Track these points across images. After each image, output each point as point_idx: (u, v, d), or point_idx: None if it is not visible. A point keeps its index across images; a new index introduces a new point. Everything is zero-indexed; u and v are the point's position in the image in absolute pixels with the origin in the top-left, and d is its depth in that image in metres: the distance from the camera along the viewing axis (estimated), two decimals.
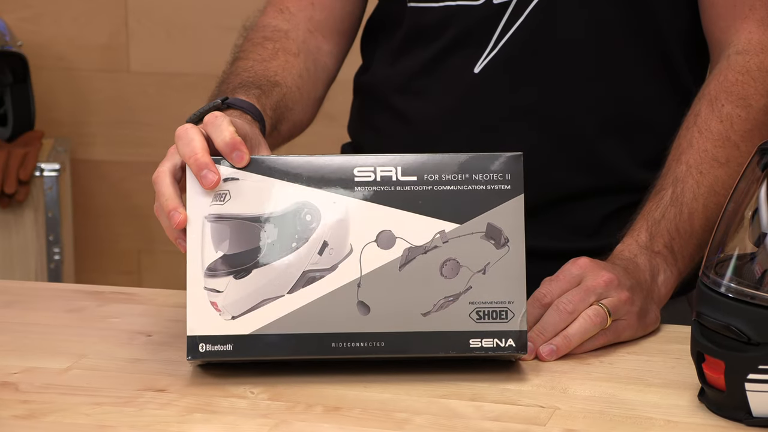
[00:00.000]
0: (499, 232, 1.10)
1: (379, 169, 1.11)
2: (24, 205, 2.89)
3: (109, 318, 1.32)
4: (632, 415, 1.08)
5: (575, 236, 1.45)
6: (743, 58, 1.38)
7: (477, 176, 1.12)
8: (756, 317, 1.03)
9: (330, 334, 1.11)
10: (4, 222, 2.91)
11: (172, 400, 1.10)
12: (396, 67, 1.49)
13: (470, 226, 1.11)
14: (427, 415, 1.07)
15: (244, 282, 1.12)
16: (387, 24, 1.51)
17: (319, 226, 1.11)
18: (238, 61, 1.47)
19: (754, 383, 1.03)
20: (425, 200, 1.11)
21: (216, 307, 1.12)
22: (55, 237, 2.93)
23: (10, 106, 3.04)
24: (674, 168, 1.35)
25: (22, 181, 2.85)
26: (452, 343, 1.12)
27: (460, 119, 1.44)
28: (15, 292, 1.42)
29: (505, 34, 1.42)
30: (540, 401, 1.11)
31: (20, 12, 3.25)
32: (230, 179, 1.13)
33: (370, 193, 1.11)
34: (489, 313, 1.12)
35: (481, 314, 1.12)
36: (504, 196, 1.13)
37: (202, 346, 1.12)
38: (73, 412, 1.08)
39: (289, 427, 1.05)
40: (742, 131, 1.35)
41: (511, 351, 1.13)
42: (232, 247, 1.12)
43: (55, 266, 2.93)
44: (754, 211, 1.08)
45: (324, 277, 1.11)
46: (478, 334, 1.12)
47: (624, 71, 1.44)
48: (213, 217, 1.13)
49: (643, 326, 1.26)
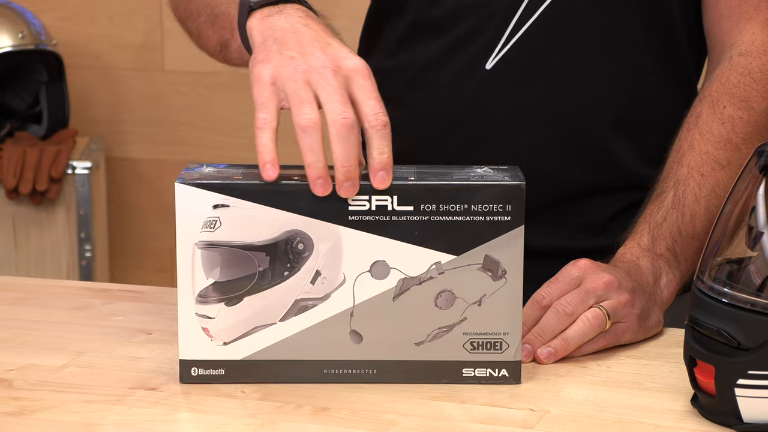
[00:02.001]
0: (497, 265, 1.08)
1: (375, 198, 1.08)
2: (56, 203, 2.92)
3: (113, 316, 1.33)
4: (622, 419, 1.07)
5: (582, 234, 1.44)
6: (745, 60, 1.37)
7: (476, 207, 1.08)
8: (746, 322, 1.02)
9: (322, 361, 1.10)
10: (37, 219, 2.93)
11: (162, 399, 1.11)
12: (399, 60, 1.48)
13: (467, 258, 1.08)
14: (414, 416, 1.07)
15: (236, 309, 1.11)
16: (389, 15, 1.49)
17: (311, 256, 1.09)
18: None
19: (744, 388, 1.02)
20: (421, 231, 1.08)
21: (207, 332, 1.11)
22: (86, 234, 2.95)
23: (45, 105, 3.07)
24: (675, 170, 1.34)
25: (54, 178, 2.88)
26: (445, 372, 1.11)
27: (469, 115, 1.43)
28: (24, 290, 1.43)
29: (517, 30, 1.41)
30: (531, 404, 1.10)
31: (57, 11, 3.28)
32: (220, 206, 1.10)
33: (365, 223, 1.08)
34: (483, 344, 1.10)
35: (475, 345, 1.10)
36: (503, 227, 1.09)
37: (194, 370, 1.12)
38: (63, 409, 1.08)
39: (275, 428, 1.05)
40: (743, 133, 1.33)
41: (503, 381, 1.12)
42: (223, 274, 1.10)
43: (86, 263, 2.96)
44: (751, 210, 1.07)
45: (316, 306, 1.10)
46: (472, 363, 1.11)
47: (634, 69, 1.43)
48: (203, 244, 1.10)
49: (645, 329, 1.25)
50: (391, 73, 1.48)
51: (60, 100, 3.09)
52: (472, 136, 1.42)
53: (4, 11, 3.05)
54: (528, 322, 1.22)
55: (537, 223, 1.44)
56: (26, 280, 1.51)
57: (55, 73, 3.08)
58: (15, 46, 3.02)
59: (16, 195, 2.90)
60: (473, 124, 1.43)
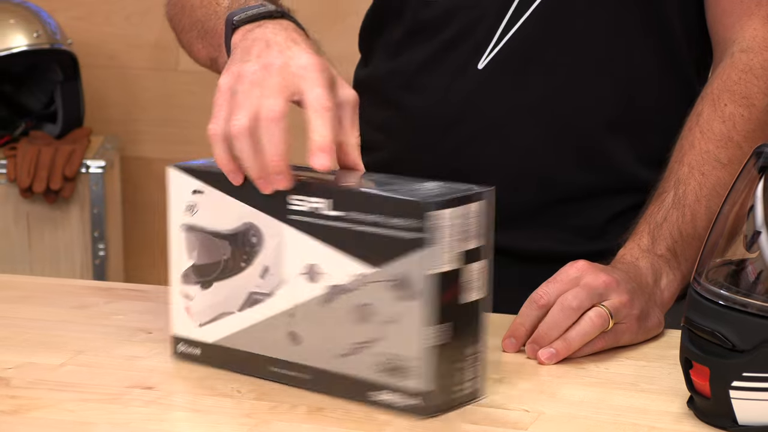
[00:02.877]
0: (409, 284, 1.01)
1: (311, 200, 1.06)
2: (70, 202, 2.93)
3: (114, 315, 1.33)
4: (617, 420, 1.07)
5: (579, 238, 1.43)
6: (747, 56, 1.36)
7: (397, 221, 1.01)
8: (741, 324, 1.01)
9: (268, 358, 1.11)
10: (51, 218, 2.94)
11: (157, 398, 1.11)
12: (397, 62, 1.47)
13: (385, 273, 1.02)
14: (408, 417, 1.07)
15: (208, 293, 1.15)
16: (387, 17, 1.49)
17: (262, 250, 1.10)
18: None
19: (739, 390, 1.01)
20: (349, 239, 1.04)
21: (189, 312, 1.16)
22: (100, 233, 2.96)
23: (60, 104, 3.08)
24: (676, 170, 1.33)
25: (68, 177, 2.89)
26: (359, 391, 1.06)
27: (463, 116, 1.42)
28: (27, 288, 1.44)
29: (509, 29, 1.40)
30: (527, 405, 1.10)
31: (73, 11, 3.29)
32: (197, 192, 1.14)
33: (303, 224, 1.07)
34: (394, 368, 1.03)
35: (386, 367, 1.04)
36: (415, 245, 1.01)
37: (180, 346, 1.18)
38: (59, 408, 1.09)
39: (270, 427, 1.05)
40: (744, 131, 1.32)
41: (412, 411, 1.04)
42: (200, 257, 1.14)
43: (100, 262, 2.96)
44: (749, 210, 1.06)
45: (264, 301, 1.10)
46: (380, 386, 1.05)
47: (631, 69, 1.42)
48: (185, 227, 1.16)
49: (644, 330, 1.25)
50: (389, 76, 1.48)
51: (75, 100, 3.10)
52: (466, 137, 1.42)
53: (20, 11, 3.06)
54: (526, 322, 1.22)
55: (533, 225, 1.44)
56: (30, 278, 1.51)
57: (70, 72, 3.09)
58: (30, 45, 3.03)
59: (30, 194, 2.91)
60: (466, 125, 1.42)
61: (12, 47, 3.02)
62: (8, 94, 3.13)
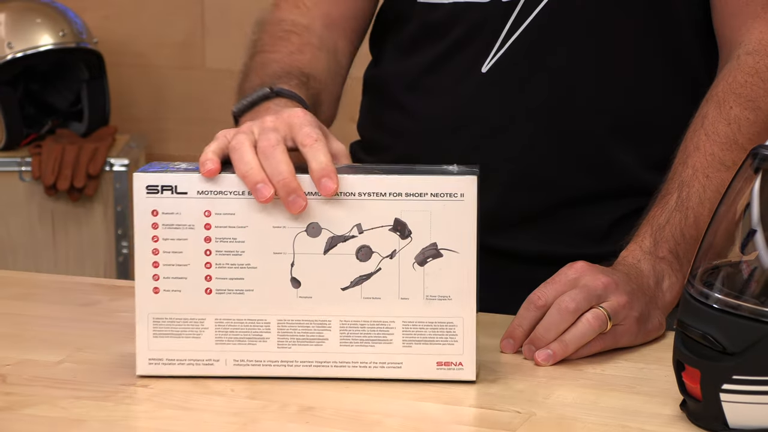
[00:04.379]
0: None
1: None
2: (93, 200, 2.95)
3: (118, 312, 1.34)
4: (608, 422, 1.06)
5: (583, 241, 1.42)
6: (753, 58, 1.34)
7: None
8: (731, 326, 1.00)
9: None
10: (75, 216, 2.96)
11: (151, 396, 1.11)
12: (404, 64, 1.48)
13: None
14: (398, 417, 1.07)
15: None
16: (396, 20, 1.49)
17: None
18: (263, 54, 1.46)
19: (729, 393, 1.01)
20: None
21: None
22: (123, 231, 2.97)
23: (86, 103, 3.09)
24: (680, 172, 1.32)
25: (92, 175, 2.91)
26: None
27: (466, 119, 1.42)
28: (34, 285, 1.45)
29: (513, 33, 1.40)
30: (519, 406, 1.09)
31: (102, 10, 3.31)
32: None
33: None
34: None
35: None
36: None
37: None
38: (52, 405, 1.09)
39: (256, 426, 1.05)
40: (749, 134, 1.31)
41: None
42: None
43: (123, 260, 2.98)
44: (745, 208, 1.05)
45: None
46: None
47: (636, 72, 1.41)
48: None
49: (644, 332, 1.24)
50: (395, 77, 1.48)
51: (100, 98, 3.12)
52: (470, 140, 1.42)
53: (46, 10, 3.09)
54: (523, 324, 1.21)
55: (537, 227, 1.43)
56: (38, 275, 1.53)
57: (96, 71, 3.11)
58: (56, 44, 3.05)
59: (54, 191, 2.93)
60: (470, 128, 1.42)
61: (38, 46, 3.04)
62: (36, 93, 3.15)
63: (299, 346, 1.14)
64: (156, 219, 1.14)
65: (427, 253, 1.14)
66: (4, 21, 3.05)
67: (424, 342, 1.13)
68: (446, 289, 1.13)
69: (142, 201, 1.14)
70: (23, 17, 3.06)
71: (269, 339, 1.14)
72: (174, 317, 1.15)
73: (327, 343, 1.14)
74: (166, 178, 1.14)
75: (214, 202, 1.14)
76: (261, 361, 1.14)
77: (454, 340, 1.13)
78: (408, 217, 1.13)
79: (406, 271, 1.14)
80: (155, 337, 1.15)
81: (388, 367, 1.14)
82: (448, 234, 1.13)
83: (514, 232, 1.43)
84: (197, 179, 1.14)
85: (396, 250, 1.14)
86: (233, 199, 1.14)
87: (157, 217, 1.14)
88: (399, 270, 1.14)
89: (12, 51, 3.03)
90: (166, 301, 1.15)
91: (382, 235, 1.14)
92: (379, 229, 1.14)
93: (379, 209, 1.13)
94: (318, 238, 1.14)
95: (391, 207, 1.13)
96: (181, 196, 1.14)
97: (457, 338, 1.13)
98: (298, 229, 1.14)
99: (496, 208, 1.41)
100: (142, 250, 1.14)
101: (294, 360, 1.14)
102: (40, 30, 3.05)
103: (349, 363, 1.14)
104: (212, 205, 1.14)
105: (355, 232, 1.14)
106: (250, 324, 1.14)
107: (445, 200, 1.13)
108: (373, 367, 1.14)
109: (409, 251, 1.13)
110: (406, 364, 1.14)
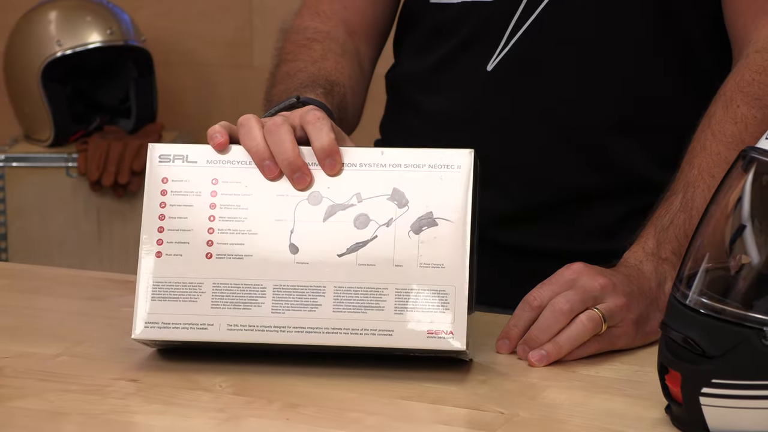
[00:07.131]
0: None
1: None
2: (137, 195, 2.97)
3: (124, 307, 1.34)
4: (590, 425, 1.05)
5: (590, 238, 1.42)
6: (761, 56, 1.33)
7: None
8: (711, 329, 0.99)
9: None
10: (120, 211, 3.00)
11: (138, 390, 1.12)
12: (417, 64, 1.49)
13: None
14: (380, 416, 1.07)
15: None
16: (412, 21, 1.51)
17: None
18: (288, 63, 1.47)
19: (708, 397, 0.99)
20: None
21: None
22: None
23: (134, 100, 3.12)
24: (686, 172, 1.31)
25: (136, 171, 2.94)
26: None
27: (473, 117, 1.43)
28: (45, 279, 1.47)
29: (516, 31, 1.40)
30: (504, 407, 1.09)
31: (153, 8, 3.34)
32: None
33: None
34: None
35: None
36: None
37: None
38: (39, 398, 1.10)
39: (238, 422, 1.06)
40: (756, 133, 1.29)
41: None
42: None
43: None
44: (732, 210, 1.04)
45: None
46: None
47: (642, 69, 1.40)
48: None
49: (642, 335, 1.23)
50: (408, 77, 1.50)
51: (148, 96, 3.15)
52: (477, 137, 1.41)
53: (94, 8, 3.12)
54: (519, 324, 1.21)
55: (544, 224, 1.43)
56: (50, 269, 1.54)
57: (144, 68, 3.14)
58: (104, 42, 3.09)
59: (99, 187, 2.97)
60: (477, 126, 1.42)
61: (86, 43, 3.07)
62: (85, 91, 3.19)
63: (293, 311, 1.15)
64: (165, 186, 1.18)
65: (423, 222, 1.16)
66: (54, 19, 3.10)
67: (415, 309, 1.13)
68: (440, 257, 1.14)
69: (154, 169, 1.19)
70: (73, 15, 3.10)
71: (264, 304, 1.15)
72: (173, 281, 1.17)
73: (320, 308, 1.14)
74: (179, 148, 1.19)
75: (221, 170, 1.18)
76: (254, 326, 1.15)
77: (445, 308, 1.13)
78: (406, 186, 1.16)
79: (401, 239, 1.15)
80: (153, 300, 1.17)
81: (380, 334, 1.14)
82: (444, 204, 1.15)
83: (520, 227, 1.43)
84: (208, 150, 1.18)
85: (393, 219, 1.16)
86: (240, 168, 1.18)
87: (167, 184, 1.18)
88: (395, 237, 1.15)
89: (61, 48, 3.07)
90: (167, 265, 1.17)
91: (380, 204, 1.16)
92: (378, 198, 1.16)
93: (378, 179, 1.16)
94: (318, 206, 1.17)
95: (390, 177, 1.16)
96: (191, 165, 1.18)
97: (449, 306, 1.13)
98: (300, 197, 1.17)
99: (502, 204, 1.41)
100: (149, 216, 1.19)
101: (287, 326, 1.14)
102: (89, 28, 3.08)
103: (340, 330, 1.14)
104: (219, 173, 1.18)
105: (354, 201, 1.17)
106: (246, 289, 1.16)
107: (442, 171, 1.16)
108: (364, 334, 1.14)
109: (405, 220, 1.16)
110: (396, 332, 1.13)
